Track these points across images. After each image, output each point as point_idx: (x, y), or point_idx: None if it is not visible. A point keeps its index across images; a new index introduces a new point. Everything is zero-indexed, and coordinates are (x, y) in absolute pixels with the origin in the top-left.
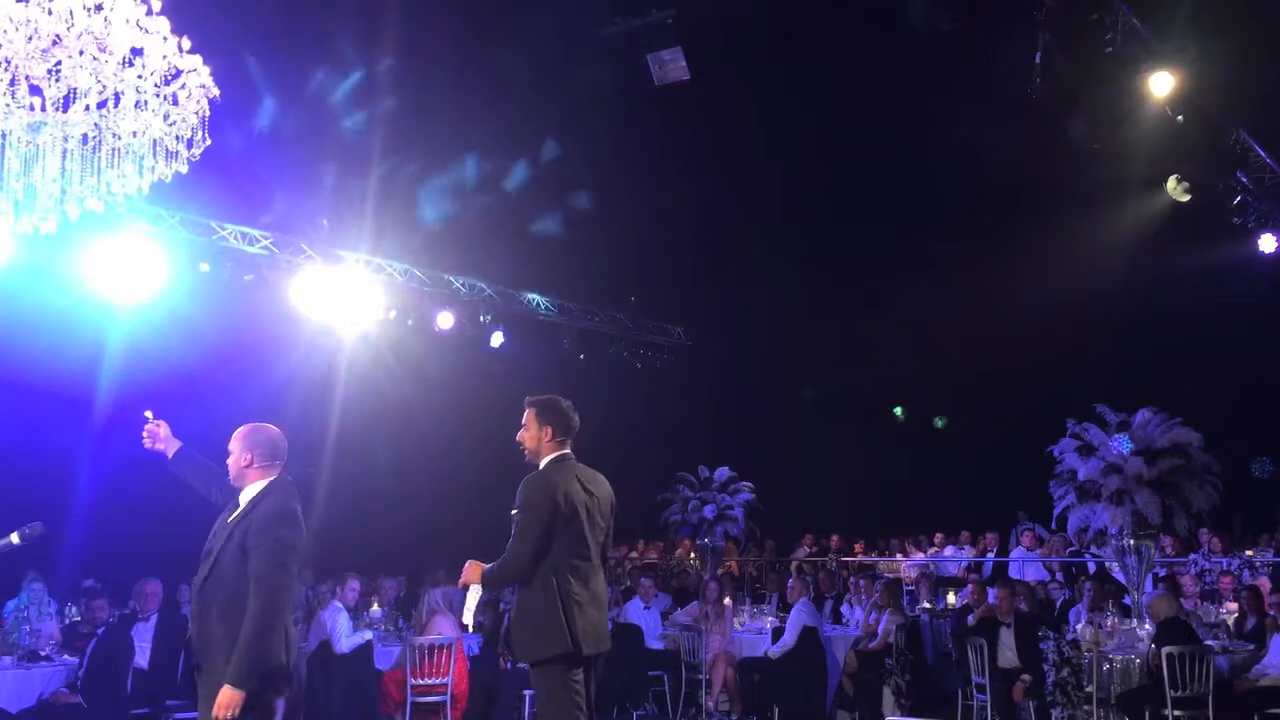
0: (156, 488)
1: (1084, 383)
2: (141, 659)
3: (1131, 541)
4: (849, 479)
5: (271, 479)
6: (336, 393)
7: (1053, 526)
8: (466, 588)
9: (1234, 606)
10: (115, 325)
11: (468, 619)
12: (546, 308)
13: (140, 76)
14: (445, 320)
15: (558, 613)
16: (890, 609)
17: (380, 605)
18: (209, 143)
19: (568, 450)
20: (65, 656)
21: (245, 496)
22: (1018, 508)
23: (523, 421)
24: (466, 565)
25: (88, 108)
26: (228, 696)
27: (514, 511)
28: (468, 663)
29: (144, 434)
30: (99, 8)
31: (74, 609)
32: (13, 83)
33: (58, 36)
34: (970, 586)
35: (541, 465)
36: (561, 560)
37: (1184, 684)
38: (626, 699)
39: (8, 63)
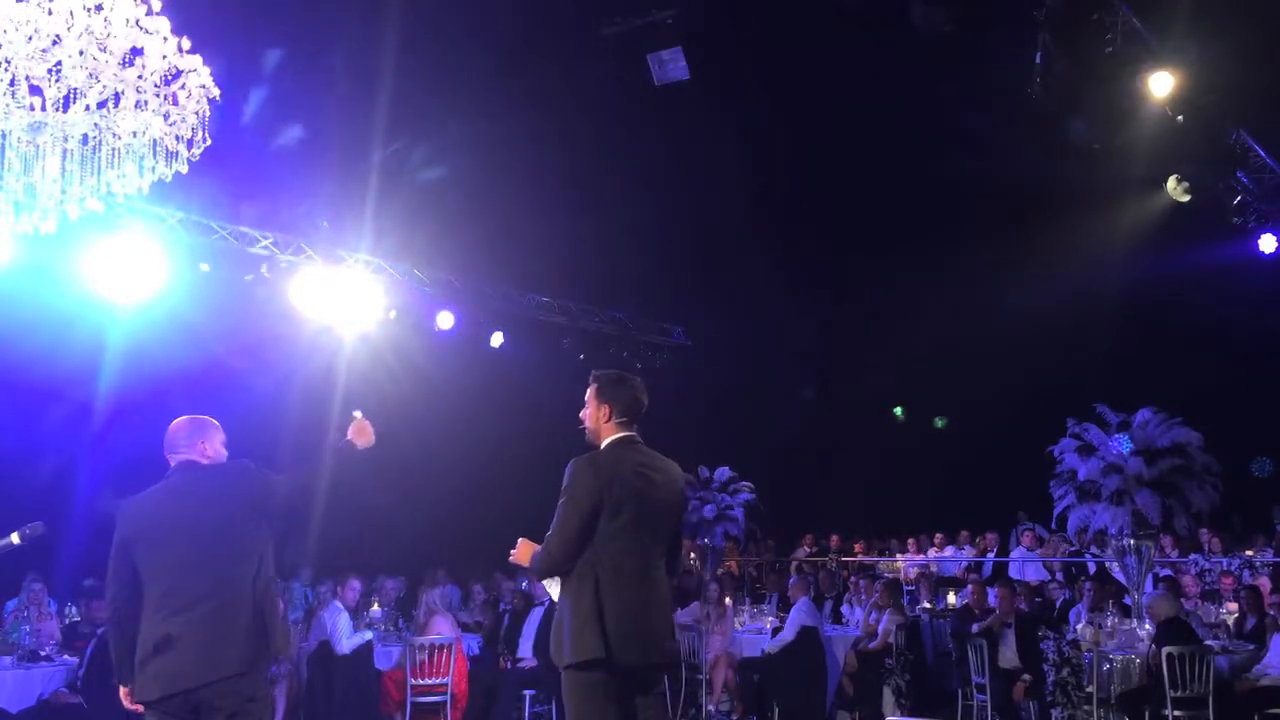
0: None
1: (1084, 383)
2: None
3: (1131, 541)
4: (849, 479)
5: None
6: (336, 393)
7: (1053, 526)
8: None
9: (1234, 606)
10: (115, 325)
11: (554, 591)
12: (546, 308)
13: (140, 77)
14: (445, 320)
15: (593, 614)
16: (890, 609)
17: (381, 605)
18: (209, 143)
19: (632, 433)
20: (65, 656)
21: None
22: (1018, 508)
23: (585, 398)
24: (519, 543)
25: (88, 108)
26: None
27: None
28: (467, 663)
29: (355, 435)
30: (99, 8)
31: (74, 609)
32: (13, 83)
33: (58, 36)
34: (970, 586)
35: (601, 447)
36: (605, 556)
37: (1184, 684)
38: None
39: (8, 63)
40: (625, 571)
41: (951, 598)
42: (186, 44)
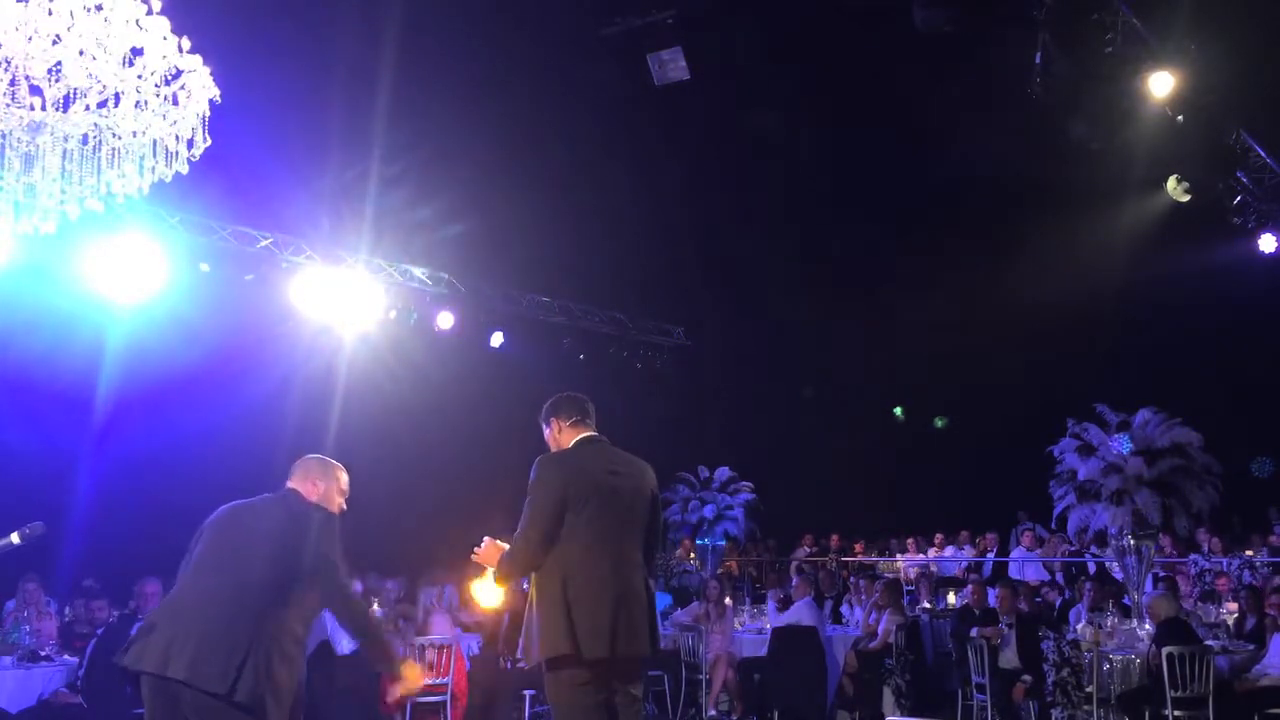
0: (156, 488)
1: (1084, 383)
2: None
3: (1131, 541)
4: (849, 479)
5: None
6: (336, 393)
7: (1053, 526)
8: (482, 569)
9: (1234, 607)
10: (115, 325)
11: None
12: (546, 308)
13: (140, 77)
14: (445, 320)
15: (560, 609)
16: (890, 609)
17: (381, 606)
18: (209, 143)
19: (593, 432)
20: (65, 656)
21: None
22: (1018, 508)
23: (545, 438)
24: (485, 543)
25: (88, 108)
26: None
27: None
28: (467, 663)
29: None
30: (99, 8)
31: (68, 609)
32: (13, 83)
33: (58, 36)
34: (970, 586)
35: None
36: (572, 551)
37: (1184, 684)
38: None
39: (8, 63)
40: (594, 565)
41: (951, 598)
42: (186, 44)
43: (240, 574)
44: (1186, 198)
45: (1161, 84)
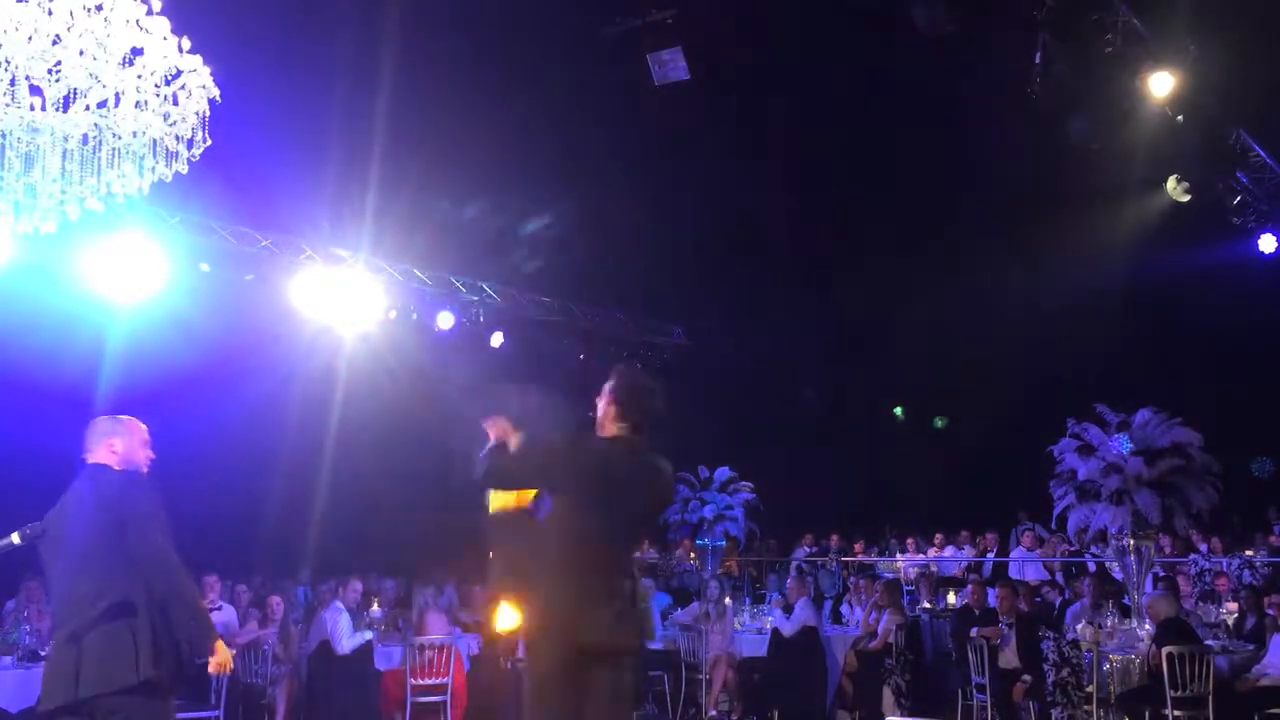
0: (156, 487)
1: (1084, 383)
2: None
3: (1131, 541)
4: (849, 479)
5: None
6: (336, 393)
7: (1053, 526)
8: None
9: (1234, 607)
10: (115, 325)
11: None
12: (547, 308)
13: (140, 77)
14: (445, 320)
15: (557, 609)
16: (890, 609)
17: (381, 605)
18: (209, 143)
19: (629, 435)
20: None
21: None
22: (1018, 508)
23: (604, 387)
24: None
25: (88, 108)
26: None
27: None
28: (466, 663)
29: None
30: (99, 8)
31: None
32: (13, 83)
33: (58, 36)
34: (970, 586)
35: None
36: (571, 549)
37: (1184, 684)
38: None
39: (8, 63)
40: (593, 565)
41: (951, 598)
42: (186, 44)
43: (94, 578)
44: (1186, 198)
45: (1161, 84)
